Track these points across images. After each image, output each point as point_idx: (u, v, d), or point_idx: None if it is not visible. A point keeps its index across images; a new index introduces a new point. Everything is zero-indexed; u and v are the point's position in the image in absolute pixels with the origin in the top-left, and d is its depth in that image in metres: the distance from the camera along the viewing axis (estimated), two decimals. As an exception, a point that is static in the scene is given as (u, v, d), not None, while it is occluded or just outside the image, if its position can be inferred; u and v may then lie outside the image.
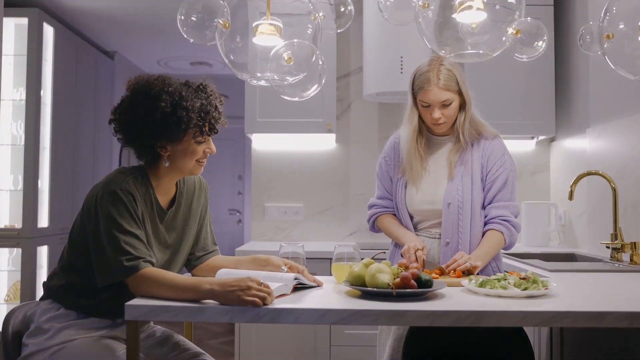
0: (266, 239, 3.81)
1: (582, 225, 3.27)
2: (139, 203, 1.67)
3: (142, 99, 1.68)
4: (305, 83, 1.65)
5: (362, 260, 1.70)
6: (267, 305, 1.48)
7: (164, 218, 1.79)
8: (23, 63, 4.27)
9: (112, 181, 1.67)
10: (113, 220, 1.61)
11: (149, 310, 1.49)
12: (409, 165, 2.22)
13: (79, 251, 1.70)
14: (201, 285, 1.52)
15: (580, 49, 2.20)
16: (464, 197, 2.15)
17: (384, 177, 2.32)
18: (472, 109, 2.21)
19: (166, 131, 1.68)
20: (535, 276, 1.69)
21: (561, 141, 3.61)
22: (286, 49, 1.66)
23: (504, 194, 2.17)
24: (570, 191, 2.73)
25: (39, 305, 1.73)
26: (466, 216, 2.14)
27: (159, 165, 1.76)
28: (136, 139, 1.71)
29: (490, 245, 2.12)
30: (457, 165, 2.19)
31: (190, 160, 1.75)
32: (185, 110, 1.67)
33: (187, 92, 1.70)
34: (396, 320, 1.47)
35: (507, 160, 2.21)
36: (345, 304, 1.54)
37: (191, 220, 1.88)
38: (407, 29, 3.34)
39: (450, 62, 2.15)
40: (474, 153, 2.20)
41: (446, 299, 1.62)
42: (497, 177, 2.17)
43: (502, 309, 1.49)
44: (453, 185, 2.17)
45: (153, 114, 1.66)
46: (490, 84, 3.47)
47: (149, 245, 1.70)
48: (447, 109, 2.14)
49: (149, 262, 1.60)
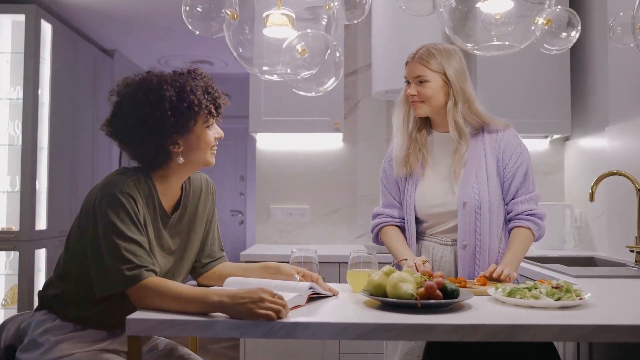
0: (271, 241, 3.69)
1: (600, 227, 3.14)
2: (140, 206, 1.55)
3: (144, 96, 1.56)
4: (320, 77, 1.53)
5: (383, 268, 1.58)
6: (281, 319, 1.36)
7: (167, 222, 1.67)
8: (20, 61, 4.16)
9: (112, 183, 1.55)
10: (113, 226, 1.48)
11: (153, 325, 1.36)
12: (405, 159, 2.09)
13: (76, 258, 1.57)
14: (209, 297, 1.40)
15: (610, 41, 2.08)
16: (481, 195, 2.02)
17: (389, 182, 2.18)
18: (474, 104, 2.08)
19: (179, 121, 1.57)
20: (568, 285, 1.57)
21: (577, 140, 3.49)
22: (300, 40, 1.54)
23: (527, 187, 2.06)
24: (591, 192, 2.62)
25: (33, 317, 1.61)
26: (484, 216, 2.02)
27: (169, 165, 1.63)
28: (145, 141, 1.58)
29: (520, 246, 2.00)
30: (470, 162, 2.05)
31: (205, 149, 1.65)
32: (191, 94, 1.58)
33: (183, 78, 1.61)
34: (422, 334, 1.35)
35: (524, 150, 2.09)
36: (365, 316, 1.42)
37: (197, 224, 1.76)
38: (417, 24, 3.24)
39: (445, 47, 2.06)
40: (487, 147, 2.07)
41: (473, 310, 1.50)
42: (517, 169, 2.05)
43: (536, 321, 1.37)
44: (467, 183, 2.04)
45: (161, 107, 1.55)
46: (501, 79, 3.35)
47: (152, 252, 1.58)
48: (423, 87, 2.03)
49: (151, 271, 1.48)
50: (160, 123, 1.56)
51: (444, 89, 2.05)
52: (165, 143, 1.59)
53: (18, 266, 4.04)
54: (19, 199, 4.09)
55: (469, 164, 2.06)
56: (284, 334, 1.34)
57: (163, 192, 1.65)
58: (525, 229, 2.02)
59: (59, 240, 4.49)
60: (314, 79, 1.53)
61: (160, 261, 1.62)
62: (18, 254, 4.04)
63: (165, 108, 1.55)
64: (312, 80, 1.53)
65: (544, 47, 1.69)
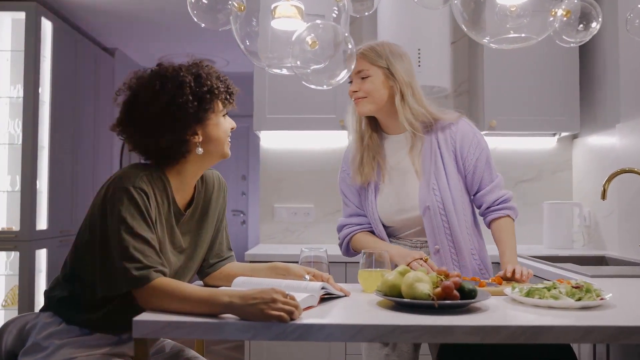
0: (275, 241, 3.64)
1: (611, 226, 3.09)
2: (152, 202, 1.50)
3: (162, 84, 1.52)
4: (332, 69, 1.47)
5: (397, 267, 1.52)
6: (294, 320, 1.30)
7: (180, 219, 1.61)
8: (20, 59, 4.10)
9: (125, 177, 1.49)
10: (123, 221, 1.42)
11: (160, 327, 1.31)
12: (360, 168, 2.02)
13: (84, 258, 1.52)
14: (218, 298, 1.34)
15: (621, 35, 2.02)
16: (443, 195, 1.96)
17: (350, 192, 2.10)
18: (423, 101, 1.99)
19: (200, 106, 1.54)
20: (588, 285, 1.52)
21: (585, 138, 3.44)
22: (309, 32, 1.48)
23: (490, 175, 2.02)
24: (603, 190, 2.57)
25: (39, 318, 1.55)
26: (451, 216, 1.96)
27: (187, 158, 1.58)
28: (168, 131, 1.53)
29: (511, 238, 1.96)
30: (426, 163, 1.99)
31: (223, 138, 1.62)
32: (207, 79, 1.55)
33: (195, 66, 1.59)
34: (441, 336, 1.29)
35: (480, 139, 2.04)
36: (381, 318, 1.36)
37: (208, 223, 1.71)
38: (424, 19, 3.19)
39: (391, 46, 2.00)
40: (442, 145, 2.00)
41: (491, 311, 1.45)
42: (477, 160, 2.00)
43: (558, 322, 1.32)
44: (427, 185, 1.97)
45: (183, 92, 1.51)
46: (508, 76, 3.30)
47: (163, 250, 1.53)
48: (364, 83, 1.96)
49: (160, 272, 1.42)
50: (183, 109, 1.52)
51: (386, 84, 1.97)
52: (186, 133, 1.55)
53: (18, 267, 3.99)
54: (19, 199, 4.04)
55: (426, 165, 1.99)
56: (297, 336, 1.29)
57: (177, 188, 1.61)
58: (505, 218, 1.99)
59: (59, 241, 4.44)
60: (325, 71, 1.48)
61: (171, 259, 1.57)
62: (18, 254, 3.99)
63: (187, 93, 1.52)
64: (323, 73, 1.48)
65: (561, 40, 1.63)
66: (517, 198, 3.58)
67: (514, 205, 2.02)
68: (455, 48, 3.57)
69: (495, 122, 3.29)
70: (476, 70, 3.47)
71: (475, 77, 3.50)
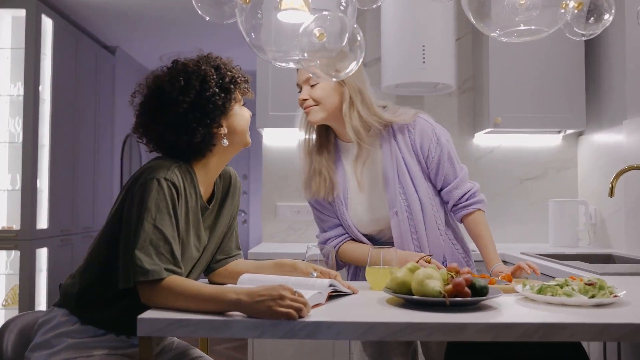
0: (278, 240, 3.60)
1: (617, 223, 3.06)
2: (182, 196, 1.49)
3: (187, 79, 1.52)
4: (341, 61, 1.44)
5: (407, 264, 1.49)
6: (302, 317, 1.27)
7: (204, 214, 1.61)
8: (20, 57, 4.08)
9: (157, 168, 1.47)
10: (147, 211, 1.40)
11: (165, 325, 1.28)
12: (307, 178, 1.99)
13: (107, 249, 1.48)
14: (225, 295, 1.31)
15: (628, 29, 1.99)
16: (410, 199, 1.91)
17: (322, 207, 2.03)
18: (373, 106, 1.92)
19: (226, 97, 1.55)
20: (602, 282, 1.49)
21: (591, 135, 3.41)
22: (317, 24, 1.45)
23: (454, 170, 1.96)
24: (610, 187, 2.53)
25: (52, 313, 1.50)
26: (418, 220, 1.92)
27: (213, 151, 1.59)
28: (200, 124, 1.52)
29: (487, 231, 1.94)
30: (389, 168, 1.93)
31: (246, 127, 1.64)
32: (227, 70, 1.57)
33: (210, 58, 1.60)
34: (454, 334, 1.26)
35: (440, 134, 1.97)
36: (392, 315, 1.33)
37: (222, 219, 1.69)
38: (428, 15, 3.16)
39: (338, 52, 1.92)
40: (402, 147, 1.95)
41: (503, 308, 1.42)
42: (439, 157, 1.94)
43: (573, 320, 1.29)
44: (393, 191, 1.92)
45: (209, 86, 1.53)
46: (512, 72, 3.27)
47: (186, 244, 1.51)
48: (314, 90, 1.91)
49: (171, 271, 1.39)
50: (211, 101, 1.53)
51: (337, 89, 1.91)
52: (213, 126, 1.55)
53: (19, 266, 3.97)
54: (19, 198, 4.02)
55: (390, 172, 1.94)
56: (306, 334, 1.26)
57: (202, 181, 1.60)
58: (477, 212, 1.95)
59: (60, 240, 4.42)
60: (334, 64, 1.45)
61: (193, 254, 1.56)
62: (19, 253, 3.97)
63: (212, 85, 1.53)
64: (332, 65, 1.45)
65: (572, 32, 1.60)
66: (521, 196, 3.58)
67: (482, 198, 1.98)
68: (460, 45, 3.53)
69: (500, 120, 3.26)
70: (481, 67, 3.44)
71: (479, 74, 3.46)
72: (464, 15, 1.68)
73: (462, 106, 3.62)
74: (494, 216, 3.55)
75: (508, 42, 1.66)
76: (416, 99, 3.56)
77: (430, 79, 3.13)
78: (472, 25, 3.55)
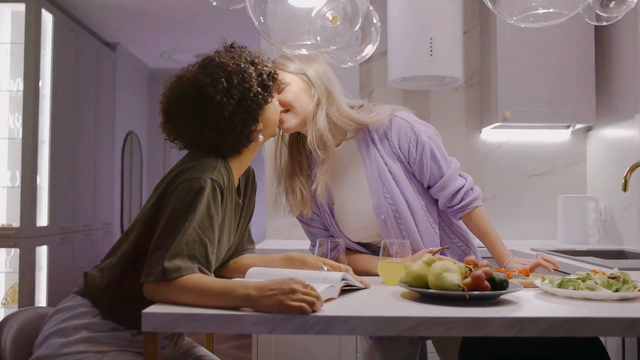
0: (282, 236, 3.55)
1: (628, 219, 3.00)
2: (226, 196, 1.45)
3: (228, 79, 1.46)
4: (356, 44, 1.38)
5: (422, 257, 1.43)
6: (315, 312, 1.21)
7: (238, 211, 1.59)
8: (20, 52, 4.04)
9: (203, 167, 1.42)
10: (192, 211, 1.34)
11: (172, 320, 1.21)
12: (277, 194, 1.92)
13: (138, 248, 1.42)
14: (234, 290, 1.25)
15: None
16: (397, 203, 1.81)
17: (310, 220, 1.96)
18: (343, 107, 1.80)
19: (265, 92, 1.53)
20: (626, 275, 1.43)
21: (601, 130, 3.35)
22: (329, 6, 1.40)
23: (440, 168, 1.82)
24: (624, 181, 2.47)
25: (75, 300, 1.45)
26: (409, 223, 1.82)
27: (249, 147, 1.56)
28: (245, 123, 1.49)
29: (490, 227, 1.84)
30: (371, 172, 1.83)
31: (277, 120, 1.64)
32: (261, 64, 1.53)
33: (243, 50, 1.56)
34: (475, 329, 1.20)
35: (419, 131, 1.82)
36: (409, 310, 1.27)
37: (247, 214, 1.67)
38: (435, 8, 3.10)
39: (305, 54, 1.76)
40: (381, 150, 1.82)
41: (524, 303, 1.36)
42: (421, 156, 1.81)
43: (600, 314, 1.23)
44: (378, 195, 1.82)
45: (250, 85, 1.48)
46: (520, 66, 3.21)
47: (220, 241, 1.47)
48: (284, 94, 1.73)
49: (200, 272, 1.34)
50: (254, 101, 1.50)
51: (307, 91, 1.78)
52: (255, 123, 1.53)
53: (19, 264, 3.93)
54: (19, 195, 3.98)
55: (372, 177, 1.83)
56: (319, 329, 1.20)
57: (235, 177, 1.56)
58: (475, 209, 1.84)
59: (60, 237, 4.37)
60: (348, 48, 1.39)
61: (222, 253, 1.54)
62: (18, 251, 3.93)
63: (253, 84, 1.50)
64: (346, 49, 1.39)
65: (593, 17, 1.54)
66: (530, 192, 3.52)
67: (477, 194, 1.85)
68: (468, 38, 3.48)
69: (509, 114, 3.20)
70: (489, 60, 3.38)
71: (487, 68, 3.41)
72: (471, 8, 1.62)
73: (469, 101, 3.56)
74: (501, 212, 3.49)
75: (516, 36, 1.60)
76: (423, 94, 3.50)
77: (438, 72, 3.07)
78: (479, 17, 3.51)
